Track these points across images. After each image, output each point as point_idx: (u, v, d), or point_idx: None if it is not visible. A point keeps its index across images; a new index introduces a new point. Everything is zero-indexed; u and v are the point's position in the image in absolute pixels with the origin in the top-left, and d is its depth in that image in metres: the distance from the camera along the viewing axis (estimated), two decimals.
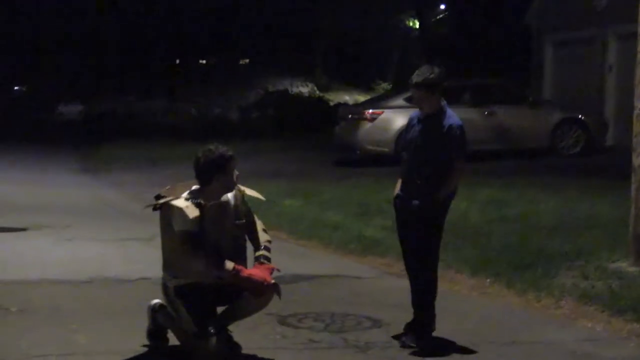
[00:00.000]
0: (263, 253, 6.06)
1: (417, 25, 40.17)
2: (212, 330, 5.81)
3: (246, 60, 52.36)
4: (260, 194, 6.23)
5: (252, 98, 40.05)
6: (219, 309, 6.03)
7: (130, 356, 6.01)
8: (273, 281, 5.88)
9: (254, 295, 5.88)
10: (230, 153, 5.91)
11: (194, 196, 5.84)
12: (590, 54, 22.27)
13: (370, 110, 19.18)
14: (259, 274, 5.84)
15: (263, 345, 6.29)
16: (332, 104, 35.49)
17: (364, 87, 47.76)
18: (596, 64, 21.91)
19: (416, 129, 6.50)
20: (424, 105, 6.47)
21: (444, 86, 6.53)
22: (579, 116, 19.60)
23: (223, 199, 5.94)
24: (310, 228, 11.46)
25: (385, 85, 46.10)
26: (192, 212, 5.70)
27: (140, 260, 9.24)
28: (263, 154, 21.00)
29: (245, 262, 6.00)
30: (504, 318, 7.34)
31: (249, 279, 5.78)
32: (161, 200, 5.88)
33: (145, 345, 6.17)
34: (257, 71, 46.93)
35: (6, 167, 20.43)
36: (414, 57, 42.50)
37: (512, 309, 7.66)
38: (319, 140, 23.21)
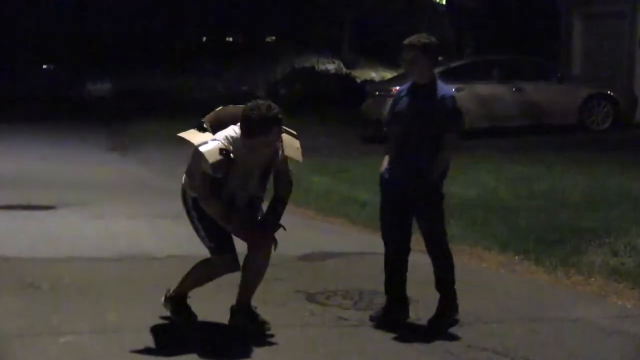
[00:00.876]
0: (276, 206, 6.04)
1: (444, 0, 39.86)
2: (227, 247, 5.89)
3: (272, 38, 52.24)
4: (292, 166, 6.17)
5: (279, 75, 39.99)
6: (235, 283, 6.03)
7: (160, 332, 6.06)
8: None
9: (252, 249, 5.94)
10: (280, 116, 5.72)
11: (229, 142, 5.69)
12: (619, 29, 22.04)
13: (397, 87, 19.09)
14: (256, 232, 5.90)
15: (291, 322, 6.32)
16: (359, 80, 35.34)
17: (390, 64, 47.51)
18: (625, 38, 21.68)
19: (405, 100, 6.19)
20: (415, 70, 6.12)
21: (437, 57, 6.25)
22: (608, 91, 19.44)
23: (256, 157, 5.83)
24: (338, 205, 11.46)
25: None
26: (220, 166, 5.62)
27: (169, 237, 9.29)
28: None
29: (257, 214, 6.00)
30: (533, 295, 7.32)
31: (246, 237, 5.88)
32: (196, 140, 5.70)
33: (171, 321, 6.21)
34: (284, 48, 46.81)
35: (35, 145, 20.55)
36: (441, 33, 42.25)
37: (541, 285, 7.64)
38: (347, 117, 23.16)
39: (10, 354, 5.67)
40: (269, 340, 5.91)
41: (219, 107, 6.04)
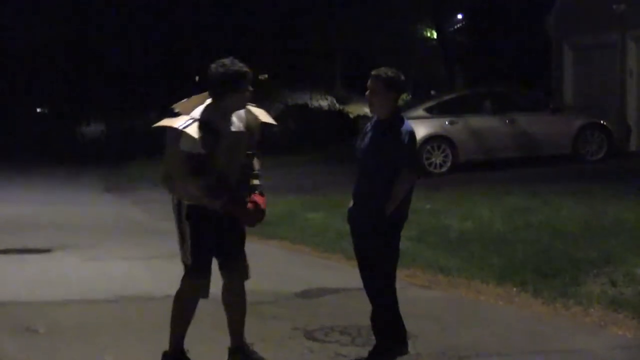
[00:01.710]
0: (258, 183, 5.98)
1: (435, 35, 40.12)
2: (205, 273, 5.83)
3: (265, 75, 52.50)
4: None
5: (272, 112, 40.19)
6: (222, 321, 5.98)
7: None
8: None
9: (246, 223, 5.91)
10: (246, 69, 5.76)
11: (207, 115, 5.70)
12: (610, 59, 22.16)
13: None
14: (251, 206, 5.84)
15: None
16: (352, 116, 35.47)
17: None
18: (617, 68, 21.80)
19: (368, 135, 6.20)
20: (375, 102, 6.10)
21: (400, 93, 6.18)
22: (601, 121, 19.50)
23: (241, 129, 5.83)
24: (335, 241, 11.42)
25: (404, 96, 46.05)
26: (206, 140, 5.59)
27: (165, 277, 9.21)
28: (284, 168, 20.97)
29: (247, 191, 5.92)
30: (533, 327, 7.28)
31: (241, 209, 5.80)
32: (175, 123, 5.72)
33: None
34: (276, 86, 47.01)
35: (30, 188, 20.52)
36: (432, 67, 42.44)
37: (540, 317, 7.61)
38: (340, 153, 23.20)
39: None
40: None
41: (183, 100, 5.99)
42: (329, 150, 25.55)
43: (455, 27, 40.23)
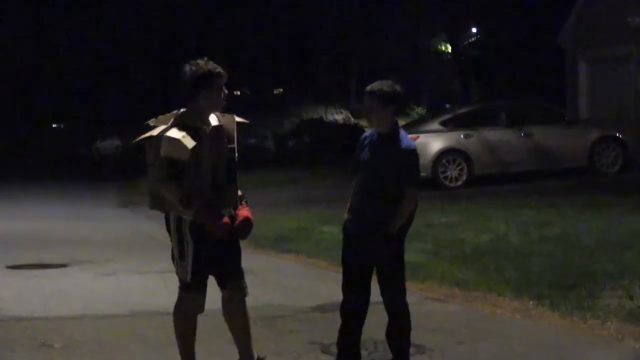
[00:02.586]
0: (241, 194, 5.91)
1: (449, 49, 40.15)
2: (201, 289, 5.75)
3: (280, 90, 52.61)
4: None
5: (287, 127, 40.18)
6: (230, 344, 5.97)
7: None
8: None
9: (217, 235, 5.68)
10: (219, 70, 5.72)
11: (184, 117, 5.67)
12: (624, 70, 22.12)
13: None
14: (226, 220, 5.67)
15: None
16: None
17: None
18: (631, 80, 21.75)
19: (368, 150, 6.09)
20: (374, 118, 6.07)
21: (398, 105, 6.14)
22: (617, 134, 19.45)
23: (217, 123, 5.77)
24: None
25: (419, 110, 46.05)
26: (190, 142, 5.51)
27: None
28: (300, 182, 21.00)
29: (236, 187, 5.84)
30: (550, 340, 7.24)
31: (214, 220, 5.62)
32: (155, 132, 5.67)
33: None
34: (291, 100, 47.12)
35: (46, 204, 20.61)
36: (447, 81, 42.47)
37: (557, 330, 7.56)
38: None
39: None
40: None
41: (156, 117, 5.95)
42: (344, 164, 25.56)
43: (470, 41, 40.26)
